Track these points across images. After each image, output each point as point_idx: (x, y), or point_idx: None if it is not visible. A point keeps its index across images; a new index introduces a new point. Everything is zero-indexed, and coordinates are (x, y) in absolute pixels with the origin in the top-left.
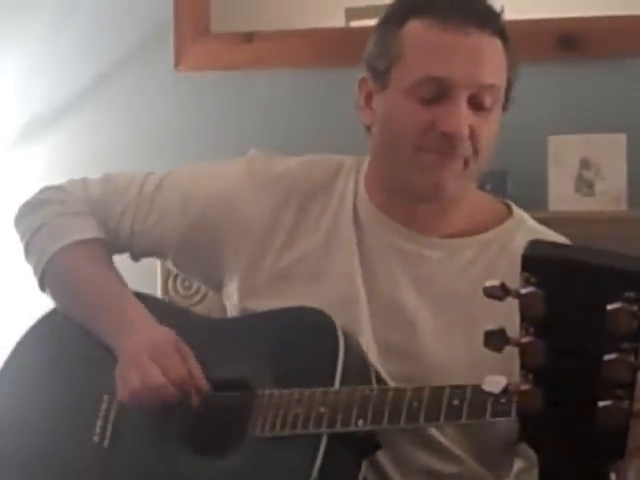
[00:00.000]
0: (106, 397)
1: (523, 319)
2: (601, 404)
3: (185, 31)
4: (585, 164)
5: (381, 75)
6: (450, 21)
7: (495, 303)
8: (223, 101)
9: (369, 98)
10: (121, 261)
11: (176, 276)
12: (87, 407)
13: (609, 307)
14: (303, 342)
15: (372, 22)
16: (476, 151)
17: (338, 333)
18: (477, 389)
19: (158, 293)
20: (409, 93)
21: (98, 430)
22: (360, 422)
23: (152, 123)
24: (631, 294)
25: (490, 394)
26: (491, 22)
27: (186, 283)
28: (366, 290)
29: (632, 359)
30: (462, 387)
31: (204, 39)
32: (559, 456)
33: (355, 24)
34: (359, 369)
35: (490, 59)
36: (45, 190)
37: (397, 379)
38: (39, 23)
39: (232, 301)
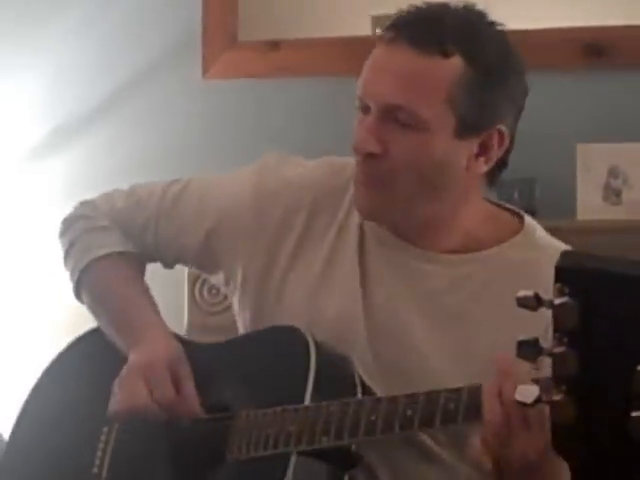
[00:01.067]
0: (105, 429)
1: (556, 329)
2: (634, 414)
3: (213, 40)
4: (613, 173)
5: None
6: (388, 32)
7: (487, 326)
8: (250, 109)
9: None
10: (149, 269)
11: (203, 282)
12: (90, 436)
13: None
14: (277, 361)
15: None
16: (390, 167)
17: (310, 349)
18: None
19: (185, 300)
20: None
21: (97, 462)
22: (324, 439)
23: (179, 132)
24: None
25: (523, 404)
26: (434, 41)
27: (213, 291)
28: (364, 306)
29: None
30: (436, 392)
31: (232, 48)
32: (591, 467)
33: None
34: (337, 384)
35: (409, 80)
36: (79, 205)
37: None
38: (64, 31)
39: (245, 313)
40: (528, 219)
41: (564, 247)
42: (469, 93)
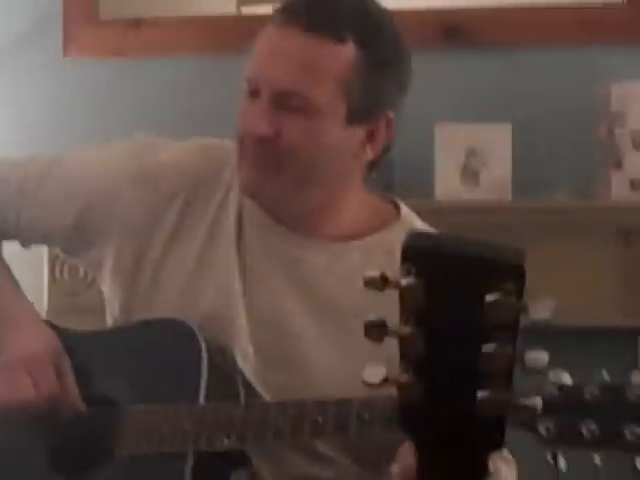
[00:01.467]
0: None
1: (403, 310)
2: (480, 394)
3: (73, 18)
4: (471, 153)
5: None
6: (281, 15)
7: (367, 303)
8: (111, 88)
9: None
10: (6, 248)
11: (63, 263)
12: None
13: (487, 298)
14: (167, 357)
15: (263, 9)
16: (281, 151)
17: (202, 347)
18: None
19: (45, 280)
20: (244, 91)
21: None
22: (225, 440)
23: (40, 109)
24: (509, 285)
25: (369, 385)
26: (327, 25)
27: (72, 271)
28: (246, 303)
29: (510, 350)
30: (324, 402)
31: (93, 25)
32: (439, 447)
33: (246, 10)
34: (226, 382)
35: (303, 65)
36: None
37: (277, 389)
38: None
39: (113, 299)
40: (404, 208)
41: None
42: (361, 80)
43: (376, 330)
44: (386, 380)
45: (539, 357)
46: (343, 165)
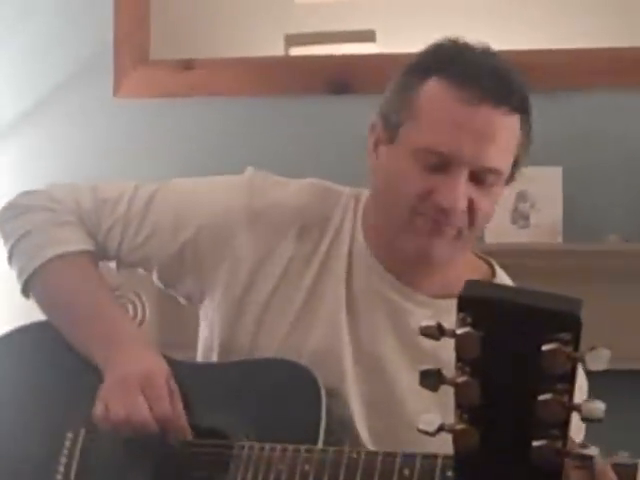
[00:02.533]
0: (70, 435)
1: (459, 359)
2: (535, 444)
3: (124, 58)
4: (521, 196)
5: (392, 127)
6: (467, 90)
7: None
8: (161, 128)
9: (377, 144)
10: None
11: None
12: (51, 442)
13: (544, 348)
14: (285, 398)
15: (312, 49)
16: (472, 223)
17: (321, 392)
18: None
19: None
20: (414, 156)
21: (61, 469)
22: None
23: (91, 149)
24: (565, 335)
25: (425, 432)
26: (510, 98)
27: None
28: (351, 341)
29: (566, 399)
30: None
31: (143, 66)
32: None
33: (294, 51)
34: (340, 428)
35: (499, 141)
36: (28, 195)
37: (377, 434)
38: None
39: (212, 331)
40: (497, 266)
41: None
42: (523, 146)
43: (432, 379)
44: (441, 428)
45: (596, 406)
46: None
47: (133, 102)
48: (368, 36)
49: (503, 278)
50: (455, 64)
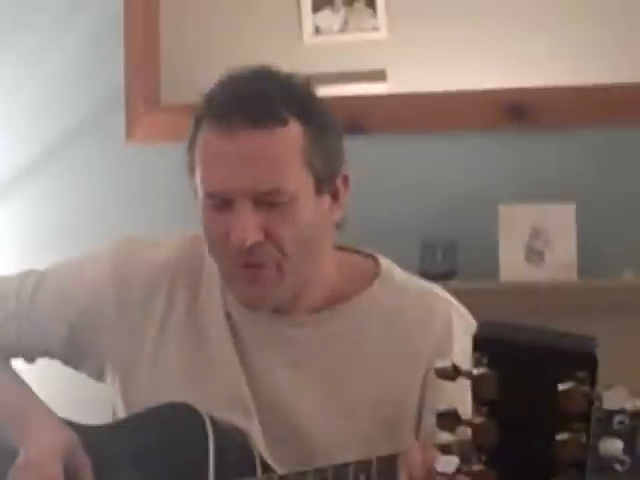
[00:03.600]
0: None
1: (475, 399)
2: None
3: (136, 103)
4: (535, 234)
5: (191, 184)
6: (222, 123)
7: (368, 374)
8: (174, 172)
9: None
10: None
11: None
12: None
13: (561, 387)
14: (173, 441)
15: (322, 90)
16: (282, 250)
17: (207, 426)
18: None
19: None
20: (204, 205)
21: None
22: None
23: (104, 195)
24: (582, 374)
25: (445, 475)
26: (268, 113)
27: None
28: (249, 386)
29: (584, 439)
30: (366, 462)
31: (155, 111)
32: None
33: None
34: (238, 463)
35: (270, 159)
36: None
37: (287, 462)
38: None
39: (116, 399)
40: (383, 260)
41: (426, 287)
42: (317, 150)
43: (448, 420)
44: (459, 470)
45: (614, 446)
46: (322, 236)
47: (145, 147)
48: (378, 76)
49: (390, 272)
50: (214, 103)
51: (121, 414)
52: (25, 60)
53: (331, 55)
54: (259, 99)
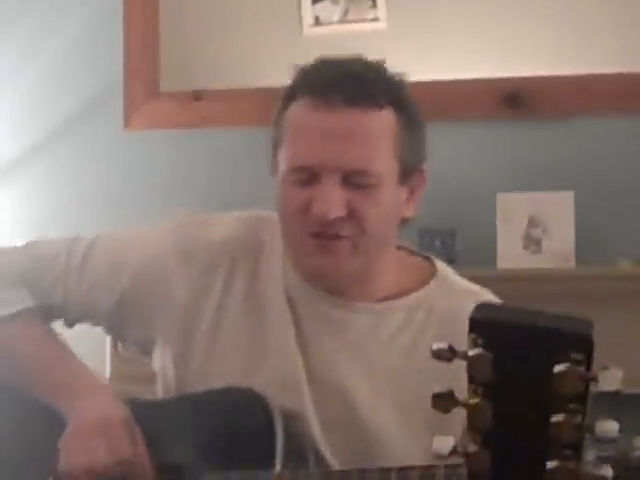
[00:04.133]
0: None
1: (471, 381)
2: (549, 465)
3: (134, 91)
4: (533, 222)
5: (272, 159)
6: (320, 97)
7: (425, 373)
8: (172, 160)
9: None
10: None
11: None
12: None
13: (556, 369)
14: (239, 424)
15: None
16: (362, 229)
17: (273, 413)
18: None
19: (107, 349)
20: (288, 178)
21: None
22: None
23: (102, 182)
24: (577, 356)
25: (439, 455)
26: (369, 95)
27: None
28: (305, 369)
29: (579, 420)
30: (409, 468)
31: (153, 98)
32: None
33: None
34: (295, 446)
35: (363, 140)
36: None
37: (341, 452)
38: None
39: (166, 372)
40: (439, 263)
41: (479, 289)
42: (406, 140)
43: (444, 401)
44: (455, 451)
45: (609, 427)
46: (394, 227)
47: (144, 134)
48: None
49: (446, 275)
50: (311, 79)
51: (170, 388)
52: (24, 46)
53: (331, 45)
54: (358, 80)
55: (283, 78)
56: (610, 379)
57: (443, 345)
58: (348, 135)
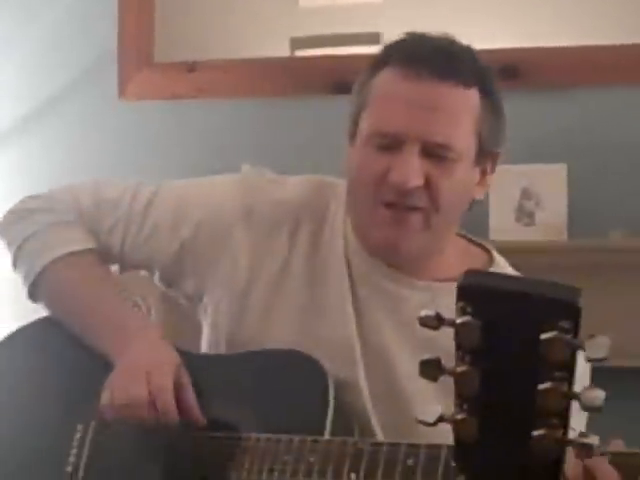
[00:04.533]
0: (80, 427)
1: (459, 348)
2: (535, 433)
3: (129, 60)
4: (526, 194)
5: (353, 126)
6: (411, 68)
7: None
8: (166, 130)
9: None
10: None
11: None
12: (61, 434)
13: (543, 336)
14: (293, 389)
15: (317, 51)
16: (435, 203)
17: (329, 384)
18: None
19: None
20: (368, 144)
21: (72, 460)
22: (353, 475)
23: (96, 152)
24: (565, 323)
25: (424, 423)
26: (458, 72)
27: None
28: (357, 331)
29: (566, 388)
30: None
31: (148, 68)
32: None
33: (300, 53)
34: (347, 419)
35: (447, 115)
36: (29, 200)
37: (385, 424)
38: None
39: (218, 327)
40: (496, 254)
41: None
42: (487, 122)
43: (431, 369)
44: (441, 418)
45: (596, 395)
46: (463, 207)
47: (138, 104)
48: (373, 39)
49: (502, 265)
50: (403, 50)
51: (220, 343)
52: (18, 16)
53: (326, 18)
54: (450, 56)
55: (280, 51)
56: (597, 346)
57: (430, 312)
58: (434, 107)
